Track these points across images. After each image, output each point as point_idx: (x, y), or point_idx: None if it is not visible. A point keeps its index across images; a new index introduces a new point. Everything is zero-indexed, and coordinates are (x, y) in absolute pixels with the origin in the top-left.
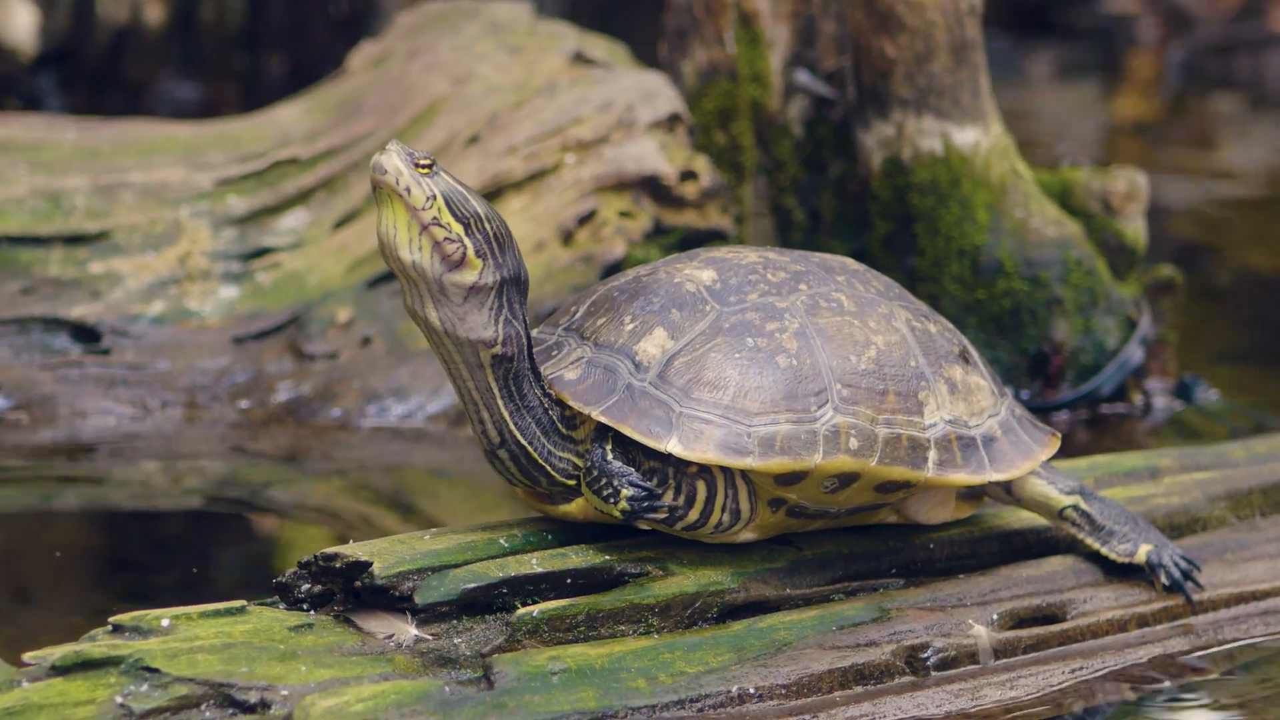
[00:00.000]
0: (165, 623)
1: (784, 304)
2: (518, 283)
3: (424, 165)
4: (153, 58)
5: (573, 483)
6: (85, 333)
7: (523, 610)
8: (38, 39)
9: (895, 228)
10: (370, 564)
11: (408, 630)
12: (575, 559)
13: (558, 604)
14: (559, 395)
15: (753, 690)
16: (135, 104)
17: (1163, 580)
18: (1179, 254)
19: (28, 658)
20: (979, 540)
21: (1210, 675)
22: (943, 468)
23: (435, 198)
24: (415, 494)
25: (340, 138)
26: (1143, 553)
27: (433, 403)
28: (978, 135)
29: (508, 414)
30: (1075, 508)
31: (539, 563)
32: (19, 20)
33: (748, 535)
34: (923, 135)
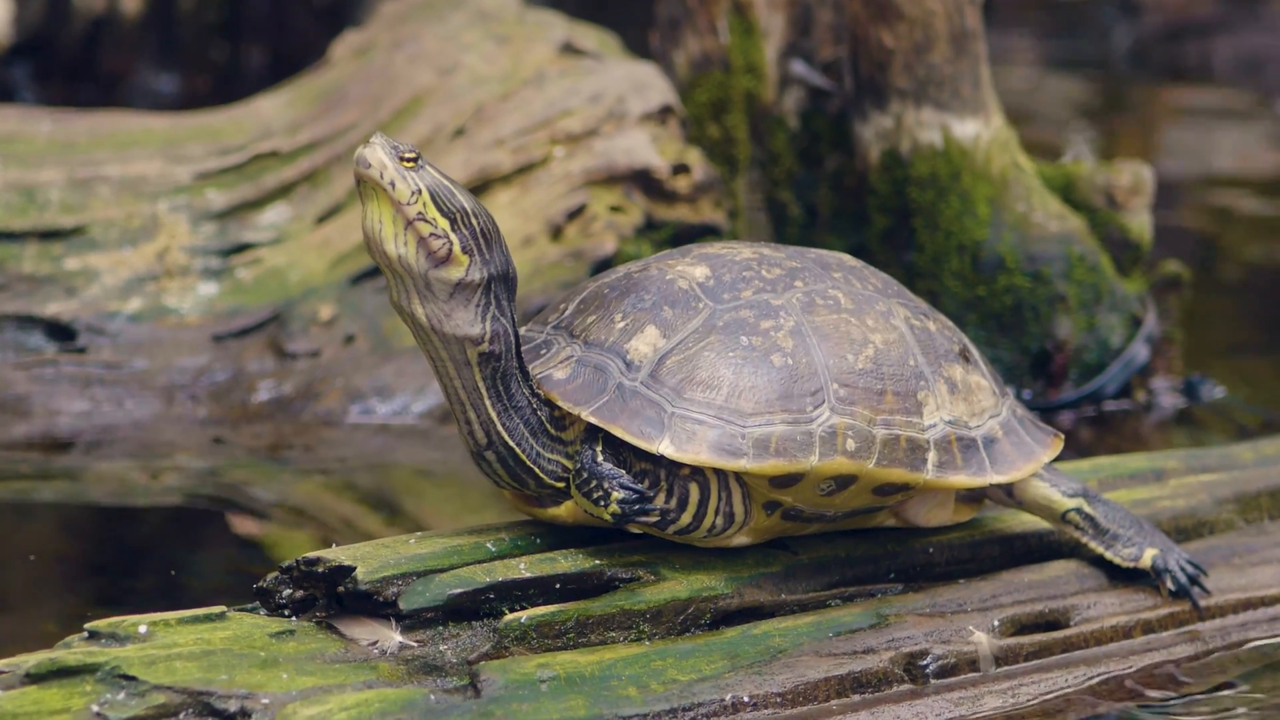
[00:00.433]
0: (143, 629)
1: (779, 301)
2: (505, 279)
3: (409, 159)
4: (130, 48)
5: (562, 485)
6: (60, 331)
7: (510, 616)
8: (11, 29)
9: (893, 222)
10: (354, 569)
11: (392, 637)
12: (564, 563)
13: (546, 610)
14: (548, 395)
15: (747, 699)
16: (112, 96)
17: (1169, 585)
18: (1184, 247)
19: (0, 665)
20: (979, 544)
21: (1218, 684)
22: (942, 469)
23: (420, 192)
24: (400, 495)
25: (322, 130)
26: (1148, 557)
27: (418, 402)
28: (978, 127)
29: (495, 414)
30: (1078, 511)
31: (527, 567)
32: None
33: (742, 539)
34: (922, 127)
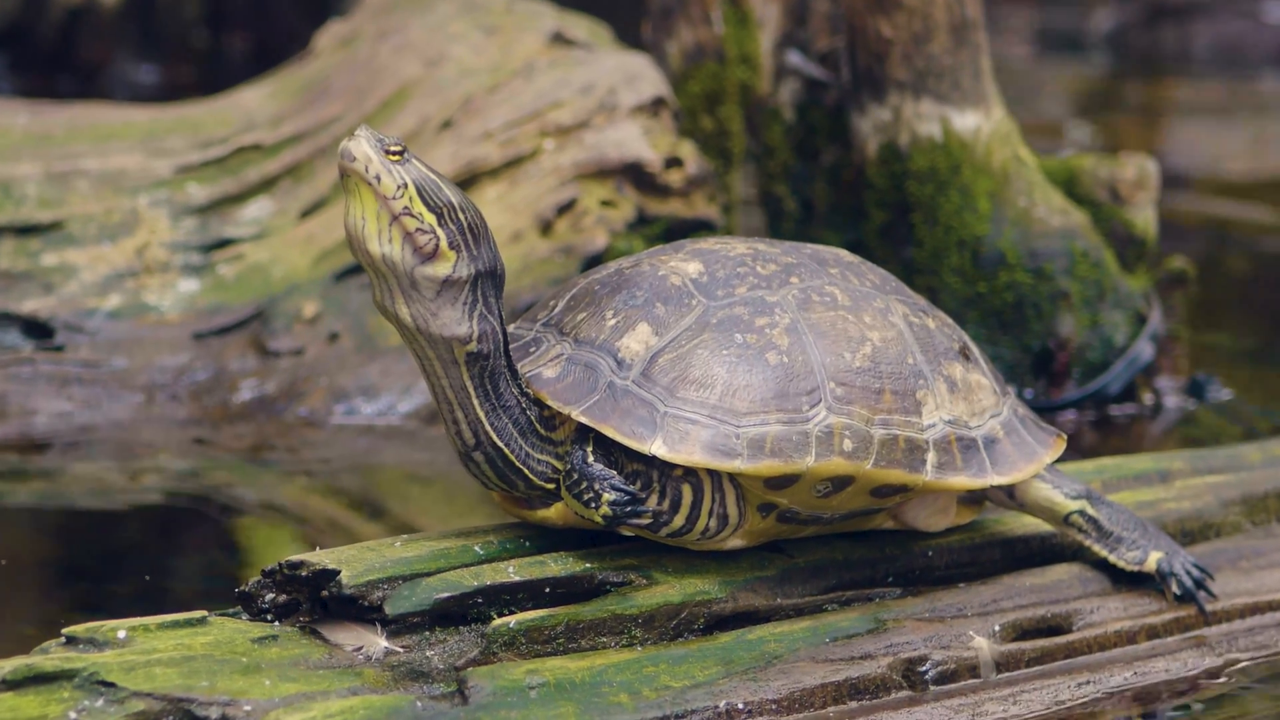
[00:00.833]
0: (121, 634)
1: (774, 298)
2: (493, 276)
3: (395, 152)
4: (109, 38)
5: (552, 486)
6: (37, 328)
7: (499, 621)
8: None
9: (892, 217)
10: (338, 572)
11: (377, 642)
12: (554, 567)
13: (536, 614)
14: (537, 394)
15: (741, 705)
16: (90, 87)
17: (1174, 589)
18: (1189, 241)
19: None
20: (980, 547)
21: (1224, 690)
22: (942, 470)
23: (406, 186)
24: (386, 497)
25: (306, 122)
26: (1153, 560)
27: (404, 402)
28: (979, 119)
29: (483, 414)
30: (1081, 513)
31: (516, 571)
32: None
33: (736, 542)
34: (921, 120)
